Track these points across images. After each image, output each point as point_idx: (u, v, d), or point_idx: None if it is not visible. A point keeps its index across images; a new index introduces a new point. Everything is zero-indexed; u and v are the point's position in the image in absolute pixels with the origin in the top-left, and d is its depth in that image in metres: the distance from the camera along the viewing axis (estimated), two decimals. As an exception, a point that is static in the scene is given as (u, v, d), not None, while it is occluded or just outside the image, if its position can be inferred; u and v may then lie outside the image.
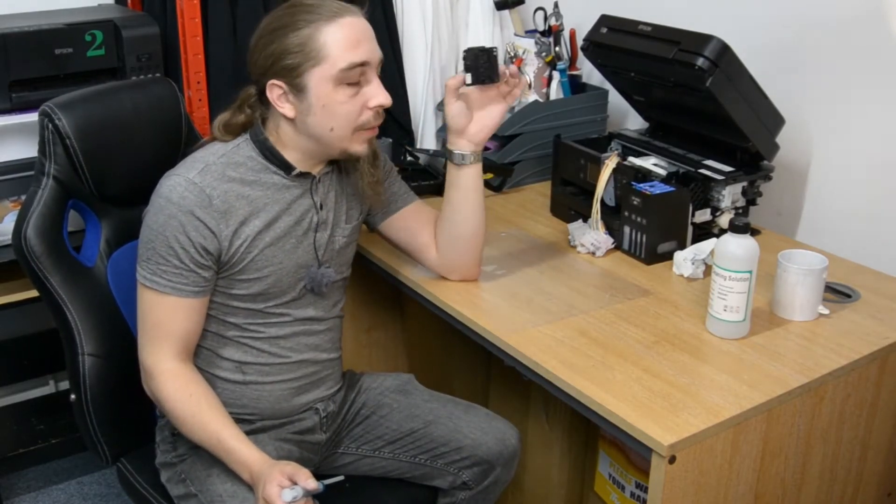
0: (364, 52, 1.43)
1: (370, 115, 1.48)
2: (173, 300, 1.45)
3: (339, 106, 1.44)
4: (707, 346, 1.50)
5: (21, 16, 2.07)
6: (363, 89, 1.46)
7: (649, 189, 1.76)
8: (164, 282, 1.44)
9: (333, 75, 1.42)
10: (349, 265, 1.67)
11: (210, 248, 1.44)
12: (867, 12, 1.78)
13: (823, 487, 1.54)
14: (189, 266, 1.44)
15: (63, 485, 2.42)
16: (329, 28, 1.41)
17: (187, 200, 1.42)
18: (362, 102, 1.46)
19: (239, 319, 1.53)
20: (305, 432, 1.63)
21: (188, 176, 1.44)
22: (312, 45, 1.41)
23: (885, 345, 1.50)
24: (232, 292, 1.51)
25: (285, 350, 1.57)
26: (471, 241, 1.66)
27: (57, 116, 1.56)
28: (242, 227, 1.47)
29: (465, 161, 1.60)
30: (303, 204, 1.53)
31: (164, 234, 1.42)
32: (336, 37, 1.41)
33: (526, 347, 1.49)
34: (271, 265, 1.51)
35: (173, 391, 1.46)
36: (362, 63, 1.43)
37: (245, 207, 1.47)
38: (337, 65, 1.41)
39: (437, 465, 1.66)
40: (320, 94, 1.43)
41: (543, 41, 2.26)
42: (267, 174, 1.50)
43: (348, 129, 1.47)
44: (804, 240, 1.95)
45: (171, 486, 1.57)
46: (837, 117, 1.88)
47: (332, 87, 1.43)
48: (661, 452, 1.24)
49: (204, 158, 1.48)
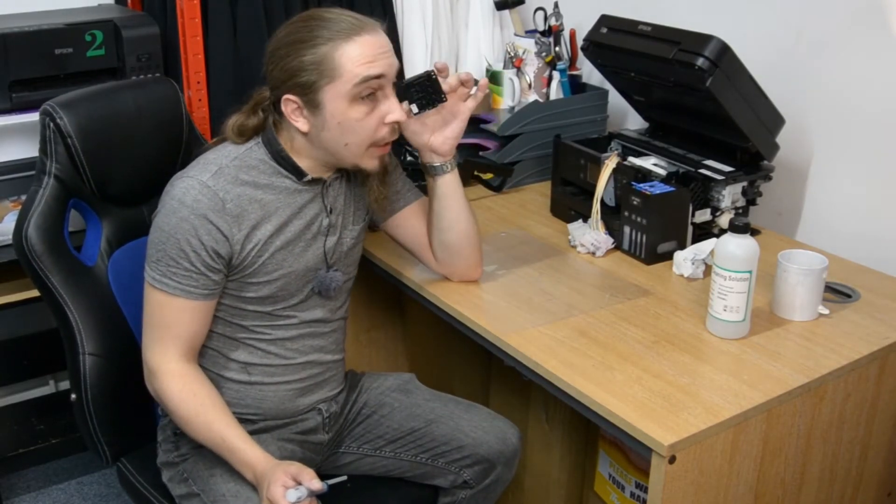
0: (380, 67, 1.42)
1: (386, 130, 1.47)
2: (182, 302, 1.44)
3: (354, 123, 1.43)
4: (707, 346, 1.50)
5: (21, 16, 2.06)
6: (379, 105, 1.45)
7: (649, 189, 1.76)
8: (174, 284, 1.43)
9: (348, 91, 1.40)
10: (356, 265, 1.67)
11: (222, 252, 1.44)
12: (867, 12, 1.78)
13: (823, 487, 1.54)
14: (200, 269, 1.43)
15: (63, 485, 2.42)
16: (347, 47, 1.39)
17: (201, 204, 1.42)
18: (378, 118, 1.45)
19: (247, 322, 1.53)
20: (308, 433, 1.63)
21: (202, 179, 1.43)
22: (328, 64, 1.39)
23: (885, 345, 1.50)
24: (242, 295, 1.51)
25: (291, 351, 1.58)
26: (461, 245, 1.66)
27: (58, 115, 1.56)
28: (254, 231, 1.47)
29: (439, 172, 1.60)
30: (313, 208, 1.53)
31: (176, 236, 1.42)
32: (352, 55, 1.39)
33: (526, 347, 1.49)
34: (281, 269, 1.50)
35: (178, 391, 1.45)
36: (378, 76, 1.42)
37: (257, 211, 1.47)
38: (351, 80, 1.40)
39: (437, 464, 1.66)
40: (335, 110, 1.42)
41: (543, 41, 2.26)
42: (278, 178, 1.50)
43: (364, 146, 1.47)
44: (804, 240, 1.95)
45: (174, 485, 1.57)
46: (837, 117, 1.88)
47: (347, 103, 1.42)
48: (661, 452, 1.24)
49: (217, 161, 1.47)
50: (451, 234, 1.64)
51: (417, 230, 1.69)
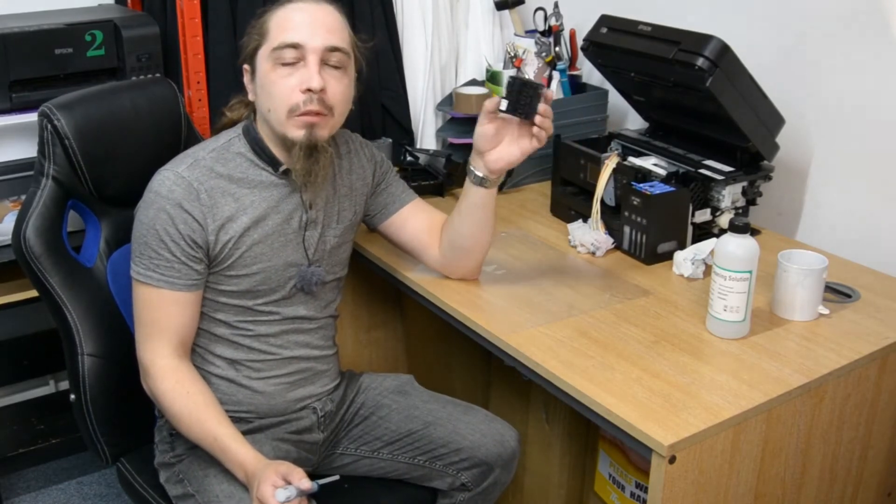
0: (300, 35, 1.43)
1: (301, 98, 1.45)
2: (167, 294, 1.46)
3: (272, 85, 1.46)
4: (707, 346, 1.50)
5: (21, 16, 2.06)
6: (299, 72, 1.45)
7: (649, 189, 1.76)
8: (157, 276, 1.45)
9: (269, 53, 1.45)
10: (343, 266, 1.67)
11: (199, 241, 1.46)
12: (867, 12, 1.77)
13: (823, 487, 1.54)
14: (181, 259, 1.45)
15: (63, 485, 2.42)
16: (279, 11, 1.46)
17: (175, 193, 1.45)
18: (294, 84, 1.45)
19: (228, 317, 1.54)
20: (303, 431, 1.63)
21: (177, 170, 1.47)
22: (263, 27, 1.47)
23: (885, 345, 1.50)
24: (220, 288, 1.52)
25: (275, 347, 1.58)
26: (473, 252, 1.67)
27: (56, 117, 1.56)
28: (229, 224, 1.48)
29: (479, 182, 1.57)
30: (291, 202, 1.54)
31: (155, 227, 1.44)
32: (280, 17, 1.46)
33: (526, 347, 1.49)
34: (259, 262, 1.51)
35: (170, 388, 1.46)
36: (294, 45, 1.43)
37: (231, 204, 1.48)
38: (272, 44, 1.45)
39: (435, 467, 1.66)
40: (262, 72, 1.47)
41: (543, 41, 2.26)
42: (255, 171, 1.51)
43: (283, 112, 1.45)
44: (804, 240, 1.95)
45: (170, 486, 1.57)
46: (837, 117, 1.88)
47: (270, 65, 1.46)
48: (661, 452, 1.24)
49: (194, 154, 1.51)
50: (469, 241, 1.65)
51: (414, 231, 1.69)
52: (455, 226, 1.64)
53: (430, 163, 2.17)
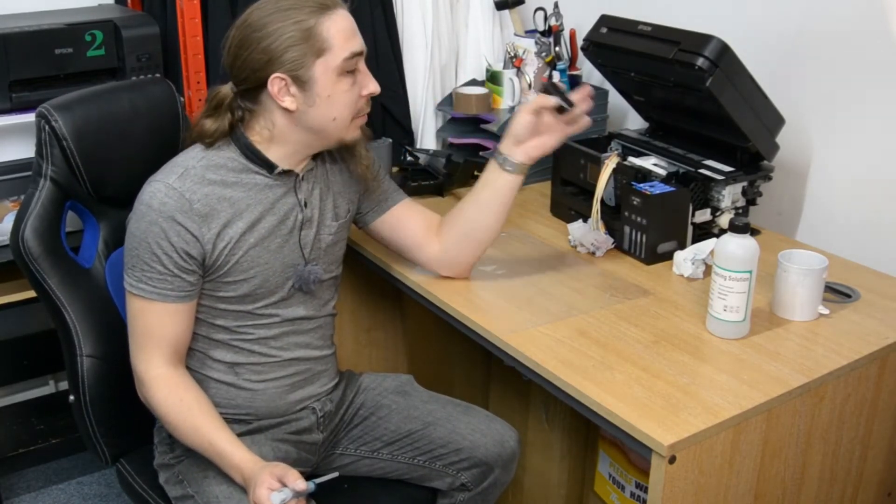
0: (360, 42, 1.49)
1: (363, 102, 1.52)
2: (160, 306, 1.45)
3: (342, 94, 1.47)
4: (707, 346, 1.50)
5: (21, 16, 2.07)
6: (358, 78, 1.49)
7: (649, 189, 1.76)
8: (149, 288, 1.44)
9: (338, 65, 1.45)
10: (339, 263, 1.67)
11: (193, 253, 1.45)
12: (867, 12, 1.77)
13: (823, 487, 1.53)
14: (173, 271, 1.44)
15: (63, 485, 2.42)
16: (330, 19, 1.44)
17: (167, 206, 1.43)
18: (359, 91, 1.50)
19: (228, 322, 1.54)
20: (302, 432, 1.62)
21: (168, 181, 1.45)
22: (316, 38, 1.43)
23: (885, 345, 1.50)
24: (219, 295, 1.51)
25: (275, 349, 1.58)
26: (478, 242, 1.67)
27: (53, 118, 1.56)
28: (225, 230, 1.47)
29: (507, 167, 1.62)
30: (286, 202, 1.53)
31: (147, 240, 1.43)
32: (338, 28, 1.45)
33: (526, 347, 1.49)
34: (257, 266, 1.51)
35: (164, 397, 1.46)
36: (360, 52, 1.48)
37: (227, 209, 1.47)
38: (340, 55, 1.45)
39: (435, 467, 1.66)
40: (326, 84, 1.45)
41: (543, 41, 2.26)
42: (248, 174, 1.50)
43: (349, 118, 1.50)
44: (804, 240, 1.95)
45: (169, 487, 1.57)
46: (837, 117, 1.88)
47: (335, 77, 1.46)
48: (661, 452, 1.24)
49: (184, 163, 1.48)
50: (483, 233, 1.66)
51: (406, 229, 1.70)
52: (470, 216, 1.65)
53: (430, 163, 2.17)
